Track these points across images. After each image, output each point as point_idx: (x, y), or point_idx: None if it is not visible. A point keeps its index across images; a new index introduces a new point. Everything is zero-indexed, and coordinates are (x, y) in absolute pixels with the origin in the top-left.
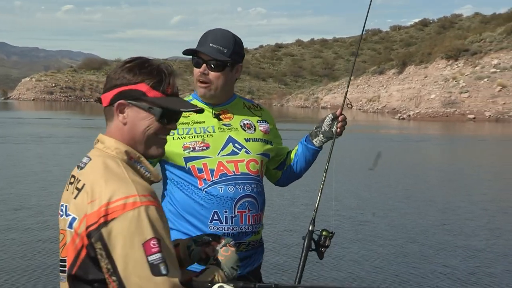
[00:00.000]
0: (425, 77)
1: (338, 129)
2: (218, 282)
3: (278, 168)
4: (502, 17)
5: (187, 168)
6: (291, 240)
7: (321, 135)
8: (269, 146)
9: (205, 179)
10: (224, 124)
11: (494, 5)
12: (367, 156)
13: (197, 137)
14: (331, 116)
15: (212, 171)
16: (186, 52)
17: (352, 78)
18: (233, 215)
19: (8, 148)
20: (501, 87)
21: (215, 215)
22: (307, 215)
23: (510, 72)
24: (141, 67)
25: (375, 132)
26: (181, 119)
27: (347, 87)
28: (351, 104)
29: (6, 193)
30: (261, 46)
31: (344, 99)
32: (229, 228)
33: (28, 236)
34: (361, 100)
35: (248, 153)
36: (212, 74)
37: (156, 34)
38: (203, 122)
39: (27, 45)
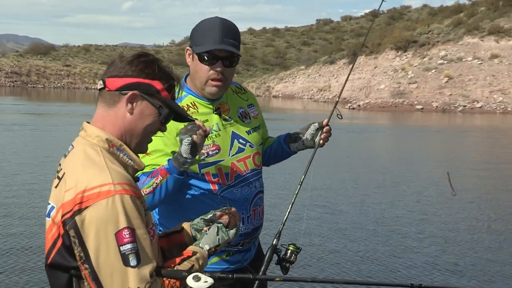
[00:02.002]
0: (375, 68)
1: (322, 141)
2: (196, 272)
3: None
4: (449, 9)
5: (200, 174)
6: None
7: (300, 142)
8: (262, 132)
9: (219, 184)
10: (225, 119)
11: None
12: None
13: (208, 139)
14: (316, 125)
15: (227, 174)
16: (201, 52)
17: (303, 67)
18: (249, 215)
19: None
20: (447, 78)
21: None
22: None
23: (456, 63)
24: (159, 65)
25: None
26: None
27: (340, 94)
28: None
29: None
30: None
31: (333, 109)
32: (246, 228)
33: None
34: (312, 90)
35: (252, 147)
36: (227, 71)
37: (107, 19)
38: (206, 120)
39: None
